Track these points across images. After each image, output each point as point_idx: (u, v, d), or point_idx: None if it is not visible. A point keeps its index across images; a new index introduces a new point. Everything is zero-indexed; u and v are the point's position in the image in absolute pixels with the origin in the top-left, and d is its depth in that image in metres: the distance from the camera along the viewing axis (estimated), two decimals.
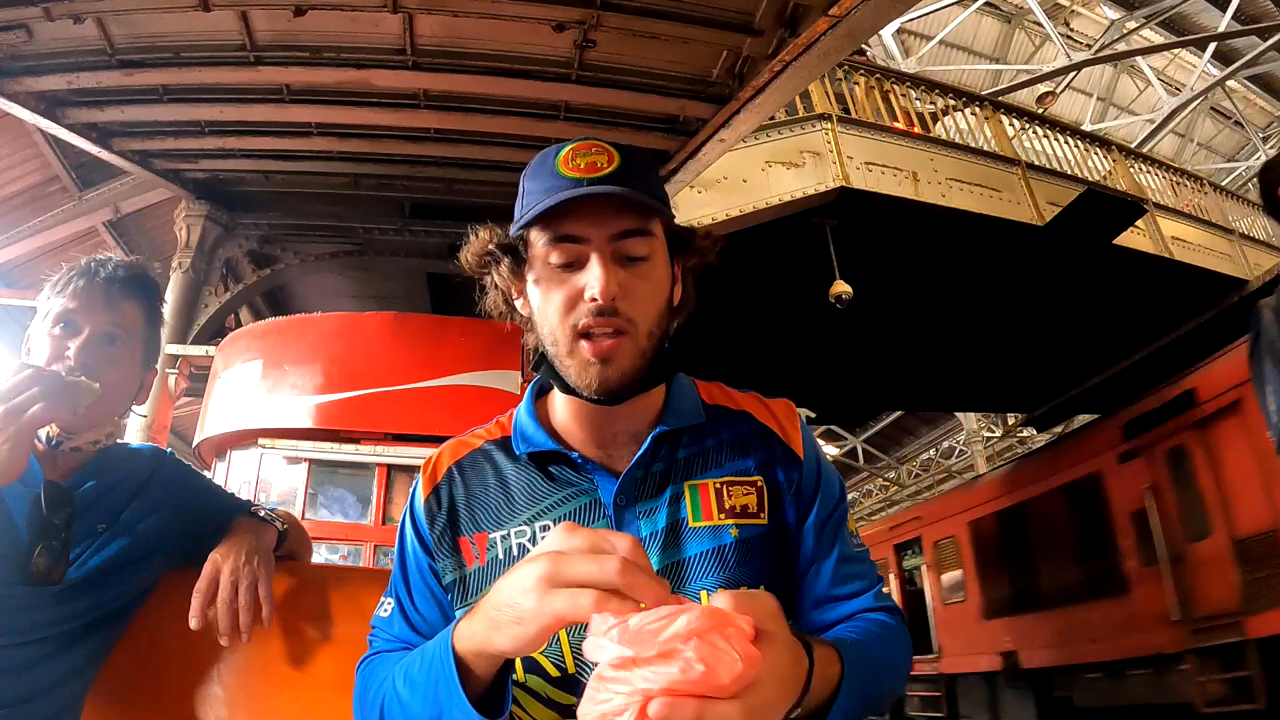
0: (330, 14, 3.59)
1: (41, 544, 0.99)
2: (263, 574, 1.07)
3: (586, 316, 0.75)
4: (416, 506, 0.86)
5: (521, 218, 0.78)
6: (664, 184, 0.85)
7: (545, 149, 0.81)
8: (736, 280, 6.20)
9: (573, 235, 0.76)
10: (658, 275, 0.80)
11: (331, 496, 4.72)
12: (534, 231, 0.78)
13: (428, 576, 0.84)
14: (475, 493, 0.84)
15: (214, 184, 5.28)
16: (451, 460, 0.87)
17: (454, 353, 4.75)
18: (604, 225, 0.76)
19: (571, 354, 0.77)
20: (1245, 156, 13.33)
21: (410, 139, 4.68)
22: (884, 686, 0.78)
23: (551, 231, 0.76)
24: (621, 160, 0.77)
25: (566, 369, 0.78)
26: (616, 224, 0.76)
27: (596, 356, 0.75)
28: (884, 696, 0.78)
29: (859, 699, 0.69)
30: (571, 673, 0.77)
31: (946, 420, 16.40)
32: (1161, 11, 10.67)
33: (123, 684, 1.09)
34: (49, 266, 1.11)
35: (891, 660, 0.80)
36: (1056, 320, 7.83)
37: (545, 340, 0.80)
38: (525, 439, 0.85)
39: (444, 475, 0.86)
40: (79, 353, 1.03)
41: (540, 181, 0.78)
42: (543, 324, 0.79)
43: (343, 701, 1.10)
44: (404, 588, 0.86)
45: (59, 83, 3.90)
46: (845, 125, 6.16)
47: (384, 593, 0.88)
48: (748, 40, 3.76)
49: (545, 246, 0.77)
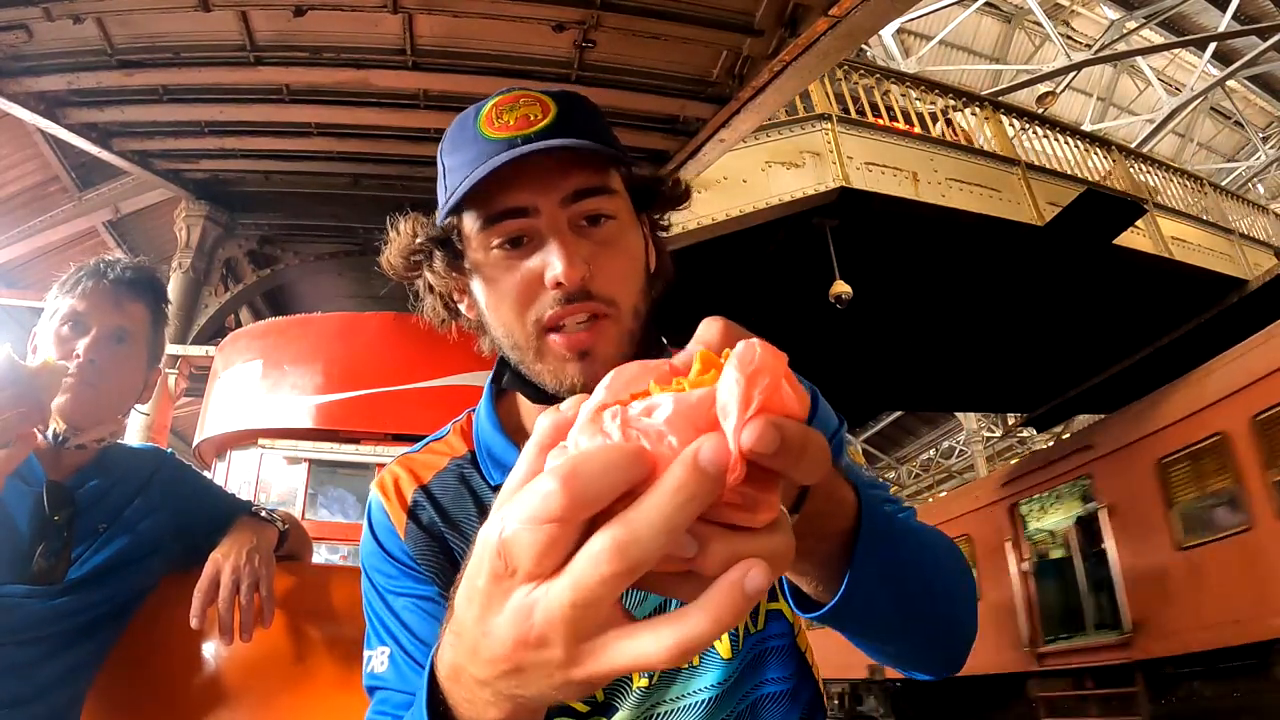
0: (330, 14, 3.59)
1: (43, 543, 0.99)
2: (264, 573, 1.07)
3: (552, 306, 0.61)
4: (389, 538, 0.70)
5: (447, 200, 0.63)
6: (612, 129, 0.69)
7: (464, 110, 0.66)
8: (736, 280, 6.21)
9: (515, 208, 0.61)
10: (629, 239, 0.65)
11: (331, 496, 4.72)
12: (466, 215, 0.64)
13: (430, 604, 0.68)
14: (458, 523, 0.70)
15: (214, 184, 5.28)
16: (415, 483, 0.73)
17: (454, 353, 4.73)
18: (552, 190, 0.61)
19: (541, 355, 0.63)
20: (1245, 156, 13.33)
21: (410, 139, 4.68)
22: (927, 578, 0.60)
23: (487, 210, 0.62)
24: (558, 107, 0.62)
25: (538, 373, 0.64)
26: (567, 184, 0.61)
27: (574, 351, 0.61)
28: (928, 594, 0.60)
29: (889, 558, 0.53)
30: (602, 701, 0.66)
31: (946, 420, 16.40)
32: (1161, 11, 10.67)
33: (123, 684, 1.09)
34: (49, 266, 1.12)
35: (936, 554, 0.62)
36: (1056, 320, 7.82)
37: (502, 344, 0.66)
38: (499, 464, 0.71)
39: (413, 499, 0.72)
40: (88, 351, 1.04)
41: (463, 153, 0.63)
42: (495, 325, 0.65)
43: (342, 701, 1.11)
44: (400, 628, 0.68)
45: (59, 83, 3.90)
46: (845, 125, 6.16)
47: (365, 645, 0.71)
48: (748, 40, 3.77)
49: (483, 231, 0.62)
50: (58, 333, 1.05)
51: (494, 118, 0.62)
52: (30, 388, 0.84)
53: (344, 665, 1.12)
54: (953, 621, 0.63)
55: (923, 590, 0.59)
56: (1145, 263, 7.21)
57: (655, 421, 0.30)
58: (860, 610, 0.53)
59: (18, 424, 0.80)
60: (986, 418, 14.93)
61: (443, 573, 0.69)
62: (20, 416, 0.81)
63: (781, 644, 0.72)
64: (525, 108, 0.62)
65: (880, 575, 0.53)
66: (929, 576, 0.61)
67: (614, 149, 0.64)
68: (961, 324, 7.75)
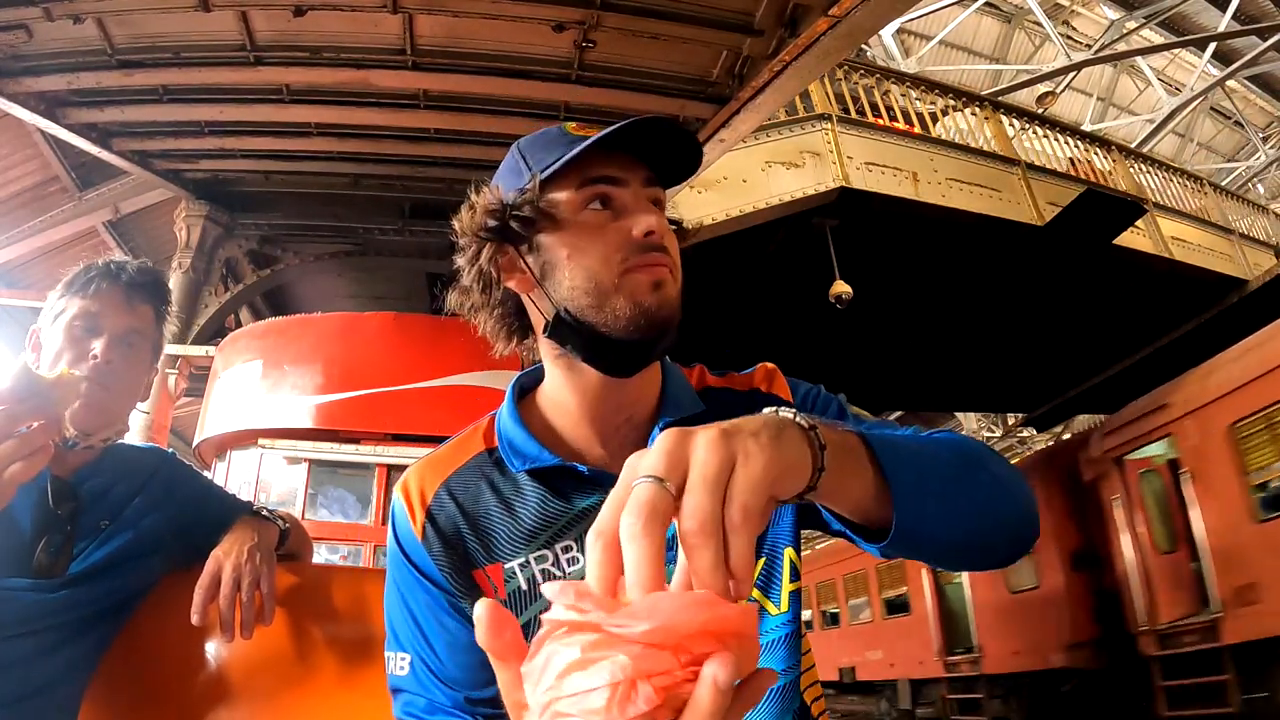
0: (330, 14, 3.59)
1: (45, 538, 1.00)
2: (265, 571, 1.07)
3: (636, 254, 0.70)
4: (409, 540, 0.75)
5: (552, 164, 0.72)
6: None
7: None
8: (737, 280, 6.21)
9: (611, 176, 0.73)
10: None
11: (331, 496, 4.72)
12: (558, 185, 0.73)
13: (445, 616, 0.73)
14: (477, 519, 0.74)
15: (214, 184, 5.28)
16: (437, 482, 0.77)
17: (454, 353, 4.75)
18: (638, 169, 0.74)
19: (618, 289, 0.70)
20: (1245, 156, 13.33)
21: (410, 139, 4.69)
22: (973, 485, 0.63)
23: (585, 175, 0.72)
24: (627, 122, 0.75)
25: (615, 308, 0.70)
26: (645, 171, 0.74)
27: (653, 278, 0.70)
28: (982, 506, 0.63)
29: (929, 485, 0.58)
30: None
31: (946, 420, 16.39)
32: (1161, 11, 10.67)
33: (123, 681, 1.09)
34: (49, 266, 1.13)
35: (967, 458, 0.65)
36: (1056, 320, 7.83)
37: (574, 292, 0.71)
38: (519, 453, 0.76)
39: (433, 500, 0.76)
40: (104, 353, 1.05)
41: (553, 146, 0.74)
42: (575, 273, 0.71)
43: (343, 700, 1.11)
44: (419, 637, 0.74)
45: (59, 83, 3.90)
46: (845, 125, 6.16)
47: (386, 646, 0.76)
48: (748, 40, 3.77)
49: (579, 191, 0.72)
50: (70, 333, 1.05)
51: (577, 127, 0.74)
52: (48, 399, 0.84)
53: (344, 665, 1.13)
54: (1008, 499, 0.66)
55: (962, 481, 0.63)
56: (1145, 263, 7.21)
57: None
58: (916, 526, 0.57)
59: (39, 437, 0.81)
60: (986, 418, 14.94)
61: (455, 576, 0.73)
62: (41, 429, 0.81)
63: (785, 633, 0.74)
64: (595, 127, 0.73)
65: (917, 489, 0.57)
66: (955, 467, 0.64)
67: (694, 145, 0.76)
68: (962, 324, 7.76)
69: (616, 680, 0.33)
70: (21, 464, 0.79)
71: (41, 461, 0.81)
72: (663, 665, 0.34)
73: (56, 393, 0.86)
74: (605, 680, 0.33)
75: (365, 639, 1.11)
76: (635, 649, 0.34)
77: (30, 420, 0.81)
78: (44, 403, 0.83)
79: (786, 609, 0.74)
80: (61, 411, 0.88)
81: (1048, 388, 9.65)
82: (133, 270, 1.11)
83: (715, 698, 0.34)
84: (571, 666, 0.34)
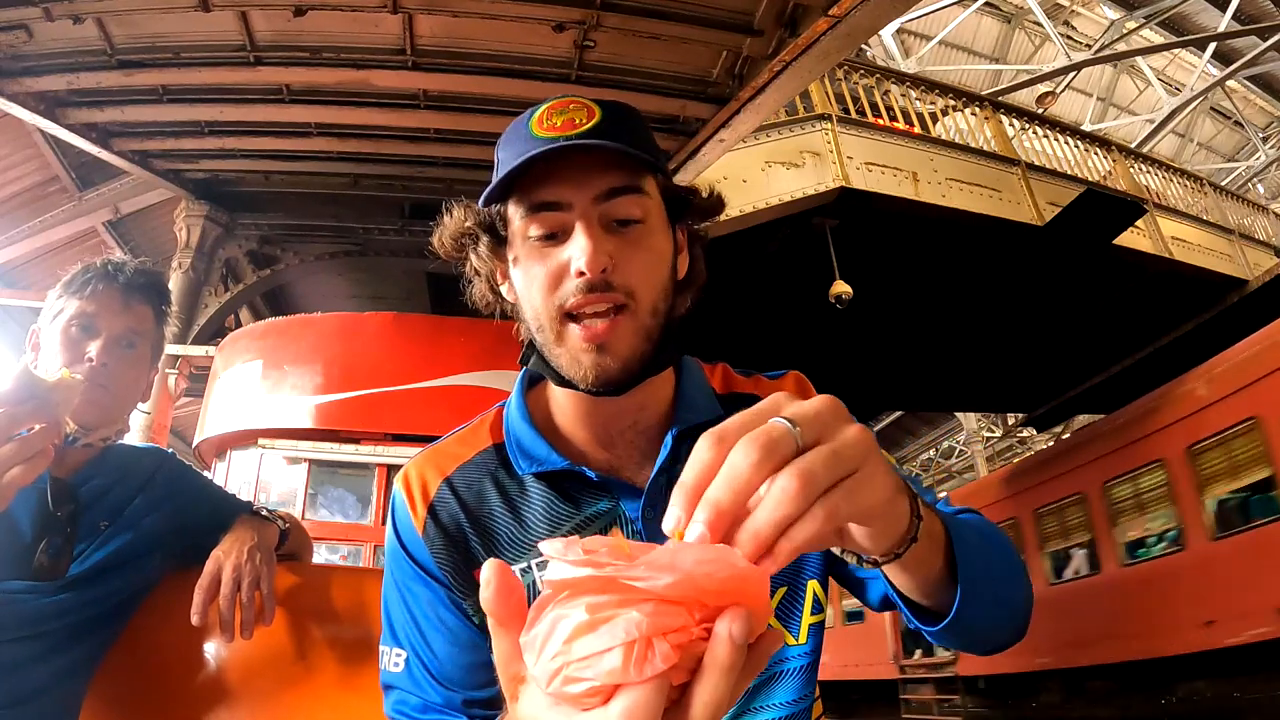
0: (330, 14, 3.59)
1: (45, 539, 1.00)
2: (265, 571, 1.07)
3: (574, 295, 0.64)
4: (409, 534, 0.72)
5: (490, 188, 0.68)
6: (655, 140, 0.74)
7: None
8: (736, 280, 6.21)
9: (551, 201, 0.66)
10: (656, 240, 0.69)
11: (331, 497, 4.72)
12: (510, 204, 0.69)
13: (445, 612, 0.71)
14: (480, 518, 0.72)
15: (214, 184, 5.28)
16: (439, 476, 0.74)
17: (454, 353, 4.75)
18: (586, 186, 0.65)
19: (560, 340, 0.66)
20: (1245, 156, 13.33)
21: (410, 139, 4.68)
22: (1008, 578, 0.65)
23: (528, 200, 0.66)
24: (604, 114, 0.67)
25: (557, 358, 0.67)
26: (600, 183, 0.66)
27: (590, 342, 0.65)
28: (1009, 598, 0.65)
29: (981, 574, 0.58)
30: None
31: (946, 420, 16.41)
32: (1161, 11, 10.67)
33: (123, 681, 1.09)
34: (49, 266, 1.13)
35: (1003, 550, 0.66)
36: (1056, 320, 7.83)
37: (531, 326, 0.69)
38: (526, 454, 0.73)
39: (435, 494, 0.73)
40: (100, 355, 1.05)
41: (513, 147, 0.67)
42: (526, 307, 0.69)
43: (342, 699, 1.11)
44: (416, 634, 0.71)
45: (59, 83, 3.90)
46: (845, 125, 6.16)
47: (381, 640, 0.74)
48: (748, 40, 3.77)
49: (523, 219, 0.67)
50: (66, 334, 1.05)
51: (544, 119, 0.67)
52: (48, 402, 0.84)
53: (344, 664, 1.13)
54: (1022, 589, 0.68)
55: (1002, 575, 0.64)
56: (1145, 263, 7.21)
57: None
58: (971, 617, 0.58)
59: (40, 440, 0.81)
60: (986, 418, 14.93)
61: (457, 573, 0.70)
62: (41, 433, 0.81)
63: (803, 664, 0.72)
64: (573, 112, 0.67)
65: (980, 582, 0.57)
66: (998, 560, 0.64)
67: (650, 156, 0.68)
68: (962, 324, 7.76)
69: (632, 638, 0.32)
70: (21, 468, 0.78)
71: (42, 465, 0.80)
72: (678, 622, 0.33)
73: (57, 395, 0.85)
74: (620, 639, 0.32)
75: (365, 639, 1.11)
76: (648, 606, 0.33)
77: (30, 423, 0.80)
78: (44, 405, 0.83)
79: (805, 640, 0.73)
80: (62, 414, 0.87)
81: (1048, 388, 9.65)
82: (130, 270, 1.11)
83: (732, 653, 0.33)
84: (580, 629, 0.33)
